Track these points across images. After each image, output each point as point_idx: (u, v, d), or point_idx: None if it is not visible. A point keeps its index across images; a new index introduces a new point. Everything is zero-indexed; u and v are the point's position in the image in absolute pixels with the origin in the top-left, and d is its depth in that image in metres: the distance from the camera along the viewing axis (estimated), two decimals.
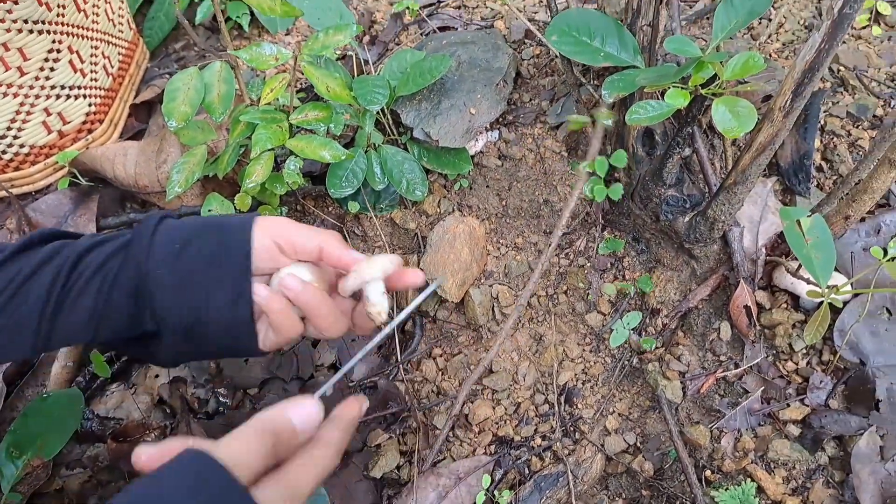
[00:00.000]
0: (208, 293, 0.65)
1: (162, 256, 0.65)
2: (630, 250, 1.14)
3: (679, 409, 0.99)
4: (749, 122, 0.81)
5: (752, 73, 0.83)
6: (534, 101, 1.30)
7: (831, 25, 0.75)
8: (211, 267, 0.66)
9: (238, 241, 0.67)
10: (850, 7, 0.74)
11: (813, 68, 0.78)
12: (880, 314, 0.93)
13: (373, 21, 1.60)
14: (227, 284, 0.65)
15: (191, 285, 0.65)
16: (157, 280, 0.64)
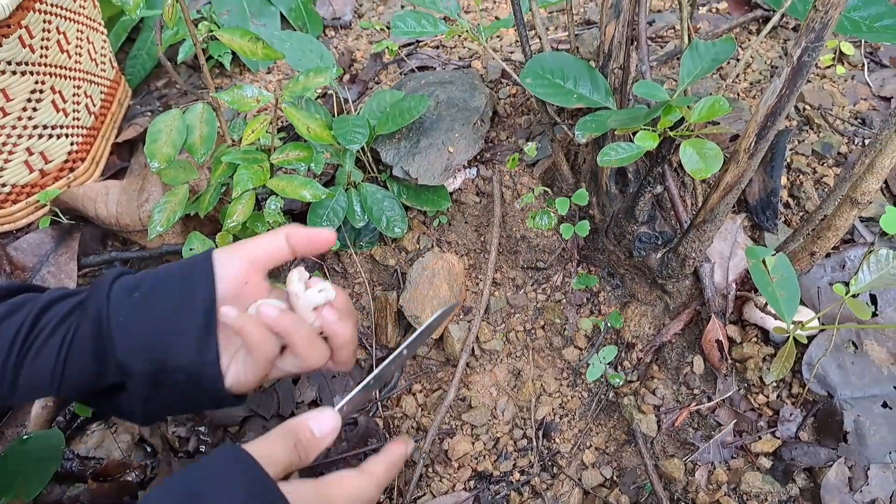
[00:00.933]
0: (171, 337, 0.65)
1: (122, 305, 0.65)
2: (605, 285, 1.16)
3: (654, 443, 1.01)
4: (716, 163, 0.84)
5: (718, 116, 0.86)
6: (510, 139, 1.33)
7: (791, 72, 0.78)
8: (174, 310, 0.65)
9: (201, 275, 0.67)
10: (808, 56, 0.77)
11: (775, 112, 0.82)
12: (846, 347, 0.96)
13: (353, 60, 1.63)
14: (192, 326, 0.65)
15: (153, 331, 0.65)
16: (119, 328, 0.64)
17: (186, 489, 0.56)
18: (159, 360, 0.64)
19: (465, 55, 1.55)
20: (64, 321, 0.66)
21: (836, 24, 0.96)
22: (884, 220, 0.80)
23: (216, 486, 0.55)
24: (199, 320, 0.65)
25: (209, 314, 0.65)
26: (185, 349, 0.65)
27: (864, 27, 0.97)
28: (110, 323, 0.64)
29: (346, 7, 1.84)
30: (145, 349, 0.64)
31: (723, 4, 1.59)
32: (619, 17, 1.05)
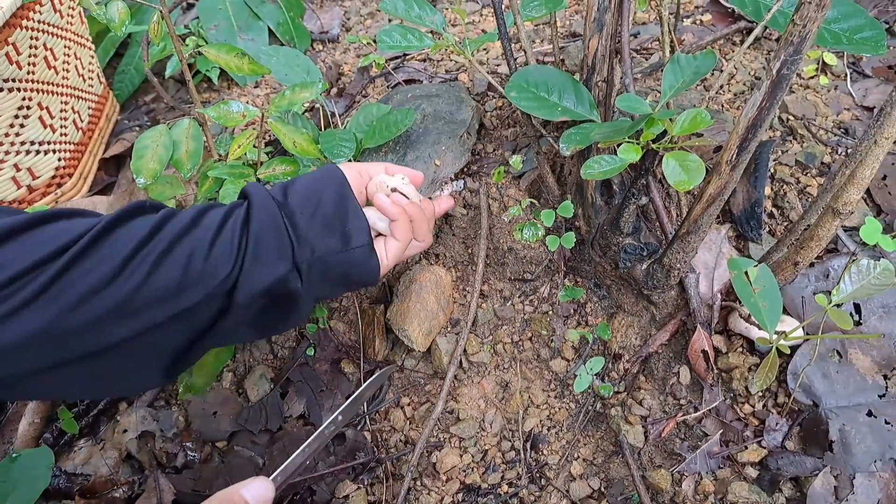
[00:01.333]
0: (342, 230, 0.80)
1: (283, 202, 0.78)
2: (592, 296, 1.17)
3: (641, 454, 1.01)
4: (698, 175, 0.84)
5: (700, 129, 0.87)
6: (497, 152, 1.33)
7: (771, 85, 0.79)
8: (324, 200, 0.80)
9: (337, 175, 0.84)
10: (787, 69, 0.78)
11: (755, 125, 0.82)
12: (831, 356, 0.97)
13: (340, 74, 1.64)
14: (350, 219, 0.80)
15: (318, 216, 0.78)
16: (292, 220, 0.77)
17: None
18: (341, 234, 0.79)
19: (452, 68, 1.56)
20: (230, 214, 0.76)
21: (817, 36, 0.97)
22: (864, 231, 0.81)
23: None
24: (349, 206, 0.81)
25: (357, 205, 0.83)
26: (356, 222, 0.81)
27: (845, 39, 0.97)
28: (283, 210, 0.77)
29: (334, 21, 1.85)
30: (324, 226, 0.78)
31: (707, 16, 1.61)
32: (601, 31, 1.05)
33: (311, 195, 0.79)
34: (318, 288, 0.80)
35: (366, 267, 0.82)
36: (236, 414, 1.14)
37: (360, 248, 0.80)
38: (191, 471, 1.11)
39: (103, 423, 1.20)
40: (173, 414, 1.17)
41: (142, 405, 1.19)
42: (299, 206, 0.78)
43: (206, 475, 1.09)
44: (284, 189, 0.80)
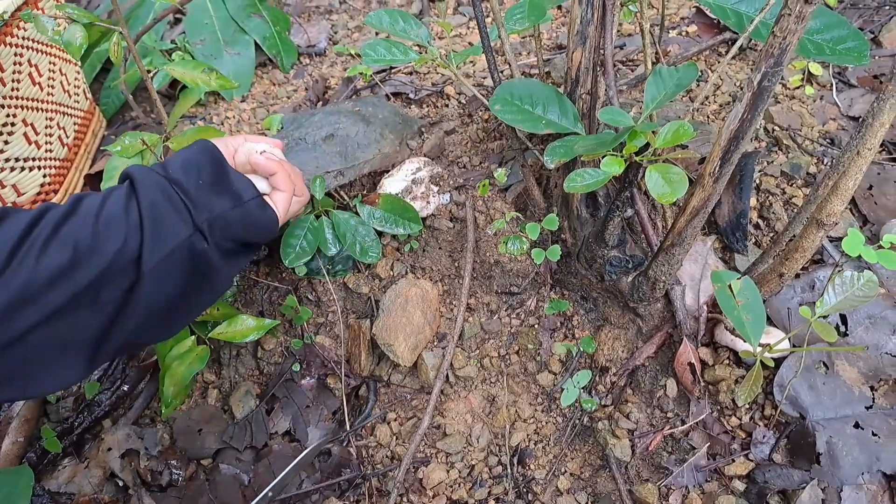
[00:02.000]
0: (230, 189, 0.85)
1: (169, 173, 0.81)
2: (579, 309, 1.16)
3: (629, 468, 1.00)
4: (681, 188, 0.84)
5: (682, 141, 0.87)
6: (483, 164, 1.33)
7: (752, 97, 0.79)
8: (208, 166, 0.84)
9: (209, 152, 0.86)
10: (768, 81, 0.78)
11: (737, 137, 0.82)
12: (818, 368, 0.96)
13: (327, 87, 1.64)
14: (233, 180, 0.86)
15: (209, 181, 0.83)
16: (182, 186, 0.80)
17: None
18: (230, 193, 0.84)
19: (439, 81, 1.55)
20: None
21: (801, 47, 0.98)
22: (846, 243, 0.81)
23: None
24: (227, 170, 0.87)
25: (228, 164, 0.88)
26: (242, 182, 0.86)
27: (828, 50, 0.98)
28: (170, 181, 0.79)
29: (321, 35, 1.85)
30: (214, 188, 0.82)
31: (692, 27, 1.61)
32: (585, 44, 1.05)
33: (189, 166, 0.82)
34: (226, 247, 0.83)
35: (263, 217, 0.88)
36: (221, 431, 1.13)
37: (252, 201, 0.86)
38: (175, 489, 1.10)
39: (87, 442, 1.19)
40: (158, 432, 1.16)
41: (126, 423, 1.18)
42: (183, 176, 0.80)
43: (190, 493, 1.08)
44: (162, 166, 0.82)
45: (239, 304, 1.23)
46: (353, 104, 1.40)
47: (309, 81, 1.69)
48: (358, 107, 1.38)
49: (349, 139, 1.30)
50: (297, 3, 2.01)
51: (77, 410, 1.21)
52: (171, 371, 1.13)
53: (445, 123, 1.43)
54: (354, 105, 1.39)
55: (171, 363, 1.13)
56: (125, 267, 0.72)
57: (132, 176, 0.78)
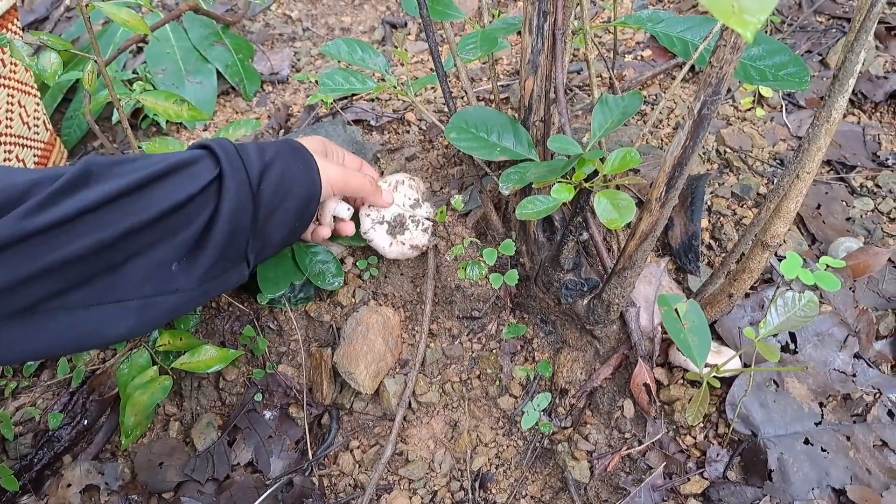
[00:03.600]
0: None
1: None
2: (539, 332, 1.18)
3: (587, 489, 1.01)
4: (629, 213, 0.86)
5: (630, 167, 0.89)
6: (444, 190, 1.35)
7: (693, 125, 0.81)
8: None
9: (307, 188, 0.99)
10: (707, 108, 0.80)
11: (681, 163, 0.84)
12: (768, 386, 0.98)
13: (289, 115, 1.65)
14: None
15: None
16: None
17: None
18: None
19: (400, 108, 1.57)
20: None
21: (745, 74, 1.00)
22: (784, 266, 0.83)
23: None
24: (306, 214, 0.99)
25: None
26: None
27: (770, 76, 1.00)
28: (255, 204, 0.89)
29: (284, 62, 1.86)
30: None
31: (647, 52, 1.65)
32: (537, 73, 1.08)
33: (280, 188, 0.91)
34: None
35: None
36: (183, 464, 1.12)
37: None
38: None
39: (47, 479, 1.18)
40: (119, 466, 1.15)
41: (86, 458, 1.17)
42: (268, 202, 0.90)
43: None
44: (261, 174, 0.90)
45: (201, 334, 1.23)
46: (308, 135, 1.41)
47: (272, 109, 1.70)
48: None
49: None
50: (260, 31, 2.03)
51: (36, 447, 1.19)
52: (133, 400, 1.12)
53: (406, 150, 1.45)
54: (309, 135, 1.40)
55: (132, 392, 1.12)
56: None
57: (224, 187, 0.85)
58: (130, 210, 0.76)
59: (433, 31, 1.08)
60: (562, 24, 1.04)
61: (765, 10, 0.47)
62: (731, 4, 0.48)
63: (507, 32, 1.16)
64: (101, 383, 1.19)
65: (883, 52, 1.59)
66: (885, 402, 0.97)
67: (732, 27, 0.46)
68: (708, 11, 1.06)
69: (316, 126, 1.49)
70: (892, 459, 0.93)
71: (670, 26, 1.09)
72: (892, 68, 1.54)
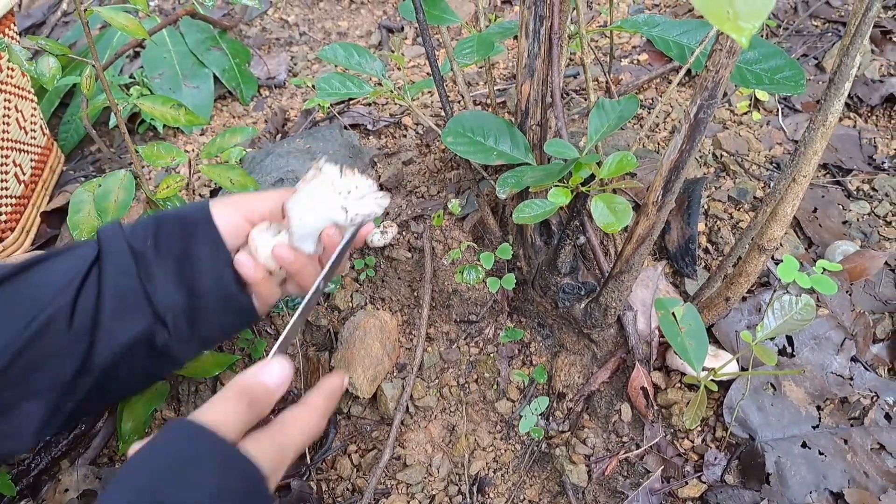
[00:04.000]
0: (195, 266, 0.69)
1: (144, 248, 0.69)
2: (536, 336, 1.18)
3: (585, 493, 1.01)
4: (625, 217, 0.86)
5: (627, 171, 0.89)
6: (441, 194, 1.35)
7: (689, 129, 0.81)
8: (188, 248, 0.70)
9: (203, 222, 0.72)
10: (703, 112, 0.80)
11: (678, 167, 0.84)
12: (766, 389, 0.99)
13: (286, 119, 1.65)
14: (208, 257, 0.70)
15: (177, 264, 0.69)
16: (151, 266, 0.68)
17: (148, 486, 0.51)
18: (189, 288, 0.69)
19: (397, 112, 1.57)
20: (84, 281, 0.67)
21: (741, 77, 1.01)
22: (781, 269, 0.83)
23: (180, 478, 0.51)
24: (213, 251, 0.71)
25: (219, 242, 0.71)
26: (210, 273, 0.70)
27: (766, 79, 1.01)
28: (138, 262, 0.68)
29: (281, 67, 1.86)
30: (176, 279, 0.68)
31: (644, 56, 1.65)
32: (533, 77, 1.08)
33: (173, 245, 0.72)
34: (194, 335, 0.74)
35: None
36: None
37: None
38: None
39: (45, 484, 1.17)
40: (116, 471, 1.15)
41: (84, 463, 1.17)
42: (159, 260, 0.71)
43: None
44: (145, 237, 0.72)
45: None
46: (304, 140, 1.41)
47: (269, 113, 1.70)
48: (308, 143, 1.40)
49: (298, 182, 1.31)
50: (257, 35, 2.03)
51: (34, 452, 1.19)
52: (130, 406, 1.12)
53: (403, 154, 1.45)
54: (305, 142, 1.41)
55: (129, 398, 1.12)
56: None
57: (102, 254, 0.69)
58: None
59: (429, 36, 1.08)
60: (558, 28, 1.05)
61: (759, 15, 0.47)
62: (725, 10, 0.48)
63: (504, 37, 1.17)
64: None
65: (879, 56, 1.59)
66: (883, 405, 0.98)
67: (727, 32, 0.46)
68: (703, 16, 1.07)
69: (313, 130, 1.49)
70: (889, 462, 0.93)
71: (666, 30, 1.09)
72: (887, 72, 1.54)
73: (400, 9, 1.19)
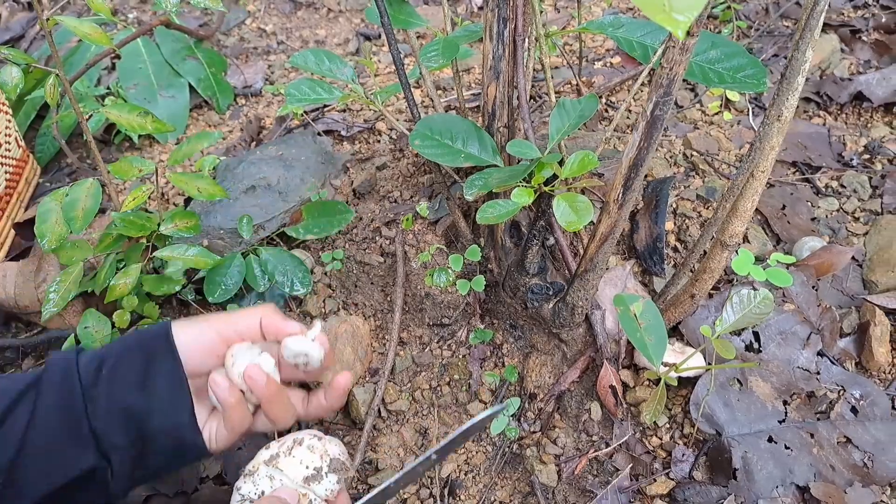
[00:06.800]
0: (147, 402, 0.66)
1: (92, 379, 0.66)
2: (508, 337, 1.18)
3: (555, 493, 1.01)
4: (587, 215, 0.87)
5: (588, 170, 0.90)
6: (414, 198, 1.35)
7: (646, 126, 0.82)
8: (144, 381, 0.67)
9: (164, 351, 0.68)
10: (660, 109, 0.81)
11: (636, 164, 0.85)
12: (732, 385, 0.99)
13: (262, 127, 1.65)
14: (164, 393, 0.67)
15: (128, 399, 0.65)
16: (96, 400, 0.65)
17: None
18: (139, 427, 0.65)
19: (371, 118, 1.58)
20: (19, 399, 0.64)
21: (704, 76, 1.01)
22: (735, 263, 0.84)
23: None
24: (169, 386, 0.67)
25: (178, 380, 0.67)
26: (163, 412, 0.66)
27: (729, 78, 1.01)
28: (85, 396, 0.64)
29: (258, 75, 1.86)
30: (125, 417, 0.65)
31: (616, 59, 1.66)
32: (499, 79, 1.09)
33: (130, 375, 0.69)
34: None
35: None
36: None
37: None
38: None
39: None
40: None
41: None
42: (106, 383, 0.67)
43: None
44: (98, 369, 0.68)
45: None
46: (277, 147, 1.42)
47: (244, 122, 1.70)
48: (281, 150, 1.40)
49: (270, 189, 1.32)
50: (235, 45, 2.03)
51: None
52: None
53: (377, 159, 1.46)
54: (278, 149, 1.41)
55: None
56: None
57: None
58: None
59: (394, 39, 1.08)
60: (522, 30, 1.05)
61: (694, 8, 0.47)
62: (661, 3, 0.48)
63: (470, 39, 1.17)
64: None
65: (849, 55, 1.60)
66: (849, 398, 0.98)
67: (662, 25, 0.46)
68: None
69: (286, 137, 1.49)
70: (855, 456, 0.93)
71: (631, 31, 1.10)
72: (857, 70, 1.56)
73: (366, 14, 1.20)
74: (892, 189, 1.25)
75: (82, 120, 1.09)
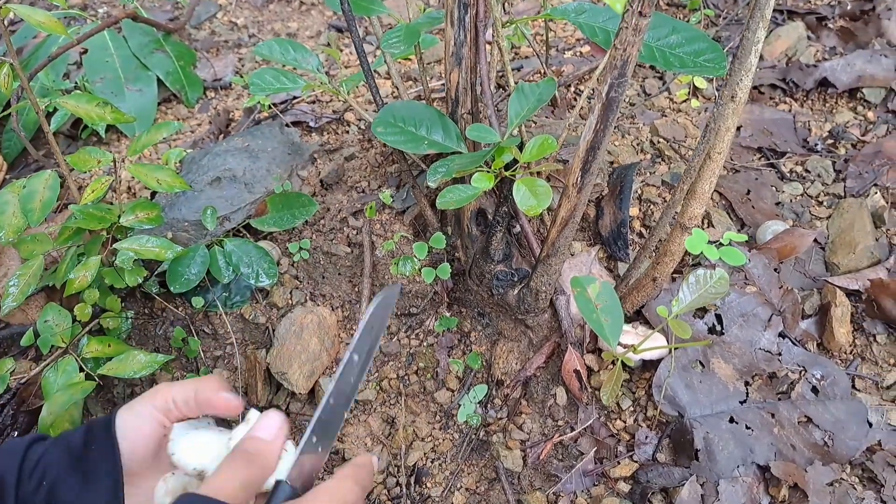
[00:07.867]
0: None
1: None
2: (476, 325, 1.18)
3: (521, 478, 1.01)
4: (546, 199, 0.87)
5: (547, 154, 0.89)
6: (382, 188, 1.34)
7: (602, 108, 0.82)
8: (82, 482, 0.63)
9: (103, 458, 0.64)
10: (615, 91, 0.81)
11: (594, 147, 0.85)
12: (694, 367, 0.99)
13: (230, 119, 1.64)
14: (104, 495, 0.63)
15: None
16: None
17: None
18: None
19: (340, 108, 1.57)
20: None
21: (664, 60, 1.01)
22: (689, 242, 0.84)
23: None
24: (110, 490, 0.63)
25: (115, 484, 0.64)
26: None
27: (689, 62, 1.02)
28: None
29: (228, 68, 1.85)
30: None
31: (586, 48, 1.67)
32: (461, 65, 1.08)
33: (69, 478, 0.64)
34: None
35: None
36: None
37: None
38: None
39: None
40: None
41: None
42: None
43: None
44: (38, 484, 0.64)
45: (134, 340, 1.21)
46: (244, 139, 1.41)
47: (213, 114, 1.69)
48: (247, 141, 1.39)
49: (235, 180, 1.31)
50: (206, 38, 2.02)
51: None
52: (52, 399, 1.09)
53: (346, 149, 1.45)
54: (244, 140, 1.40)
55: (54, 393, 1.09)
56: None
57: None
58: None
59: (356, 26, 1.08)
60: (483, 15, 1.05)
61: None
62: None
63: (432, 26, 1.16)
64: (30, 394, 1.17)
65: (815, 42, 1.61)
66: (810, 378, 0.98)
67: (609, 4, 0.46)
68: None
69: (253, 129, 1.48)
70: (816, 435, 0.94)
71: (592, 17, 1.10)
72: (822, 57, 1.57)
73: (327, 1, 1.19)
74: (854, 173, 1.25)
75: (39, 111, 1.08)
